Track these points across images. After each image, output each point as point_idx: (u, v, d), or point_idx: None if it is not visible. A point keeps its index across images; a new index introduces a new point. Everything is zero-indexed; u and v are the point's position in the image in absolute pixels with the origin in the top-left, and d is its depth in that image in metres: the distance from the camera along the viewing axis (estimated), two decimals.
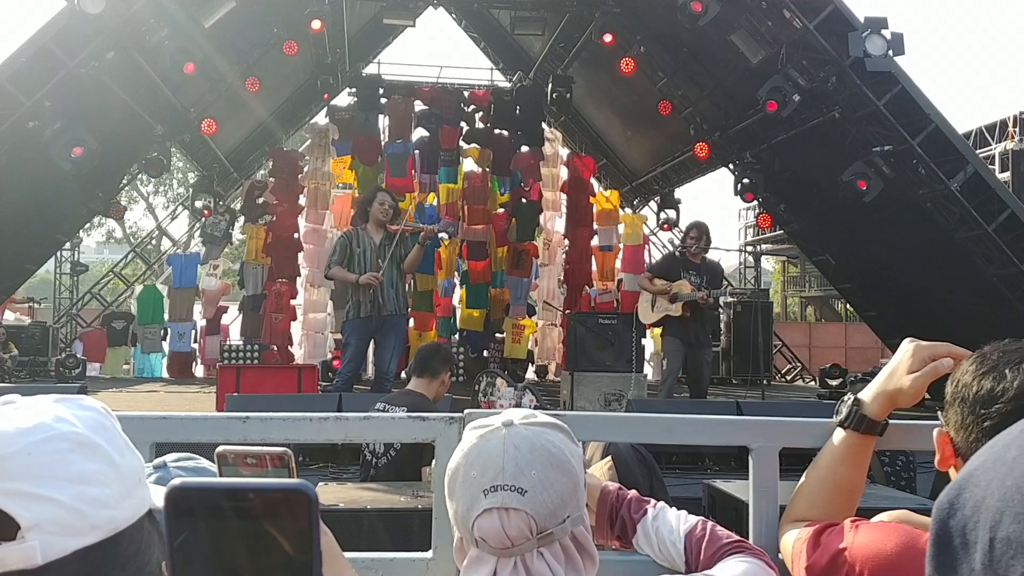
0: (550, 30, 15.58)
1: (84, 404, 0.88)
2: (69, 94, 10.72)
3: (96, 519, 0.80)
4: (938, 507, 0.72)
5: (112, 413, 0.90)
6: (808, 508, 1.63)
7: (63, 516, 0.78)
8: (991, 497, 0.66)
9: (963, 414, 1.27)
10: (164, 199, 37.71)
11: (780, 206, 15.42)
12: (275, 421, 1.66)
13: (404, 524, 3.38)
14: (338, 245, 8.00)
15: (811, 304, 35.77)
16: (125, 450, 0.87)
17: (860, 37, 10.21)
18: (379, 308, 7.76)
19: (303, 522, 0.74)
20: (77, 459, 0.81)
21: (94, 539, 0.79)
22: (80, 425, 0.84)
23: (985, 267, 10.92)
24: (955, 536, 0.69)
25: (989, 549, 0.64)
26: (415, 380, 4.85)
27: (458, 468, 1.30)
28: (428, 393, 4.75)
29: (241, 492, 0.75)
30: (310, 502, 0.74)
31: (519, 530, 1.23)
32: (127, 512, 0.83)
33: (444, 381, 4.85)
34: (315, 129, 17.05)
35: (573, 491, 1.28)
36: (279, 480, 0.93)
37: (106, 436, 0.86)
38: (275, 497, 0.74)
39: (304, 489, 0.74)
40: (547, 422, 1.32)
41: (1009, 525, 0.63)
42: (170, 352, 16.46)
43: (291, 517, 0.74)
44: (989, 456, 0.70)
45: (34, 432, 0.80)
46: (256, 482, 0.79)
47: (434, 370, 4.82)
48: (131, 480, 0.85)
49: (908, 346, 1.60)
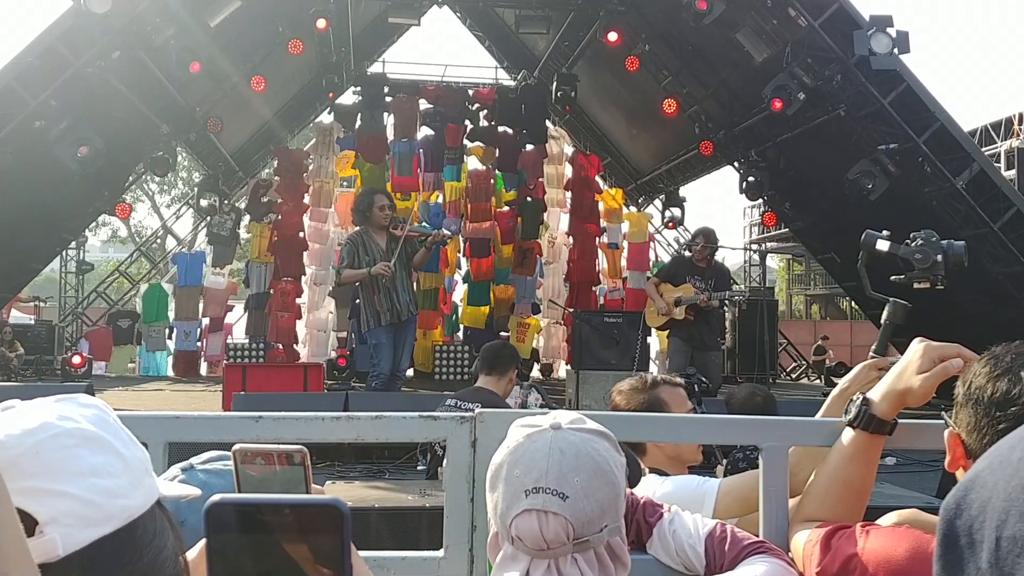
0: (555, 28, 15.56)
1: (84, 402, 0.90)
2: (75, 94, 10.75)
3: (110, 509, 0.82)
4: (945, 508, 0.73)
5: (111, 409, 0.92)
6: (818, 508, 1.64)
7: (78, 508, 0.80)
8: (997, 497, 0.67)
9: (977, 416, 1.27)
10: (169, 198, 37.78)
11: (785, 204, 15.41)
12: (288, 420, 1.67)
13: (412, 523, 3.40)
14: (346, 252, 7.95)
15: (816, 302, 35.73)
16: (129, 443, 0.89)
17: (865, 35, 10.19)
18: (398, 315, 7.81)
19: (336, 537, 0.77)
20: (85, 453, 0.83)
21: (110, 528, 0.81)
22: (84, 421, 0.86)
23: (991, 265, 10.90)
24: (962, 536, 0.70)
25: (995, 548, 0.65)
26: (483, 378, 4.93)
27: (502, 464, 1.30)
28: (498, 390, 4.84)
29: (277, 507, 0.78)
30: (343, 517, 0.77)
31: (556, 534, 1.23)
32: (139, 500, 0.85)
33: (511, 379, 4.96)
34: (320, 128, 17.07)
35: (614, 501, 1.28)
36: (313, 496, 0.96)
37: (110, 430, 0.88)
38: (310, 512, 0.78)
39: (337, 505, 0.78)
40: (595, 429, 1.32)
41: (1015, 524, 0.64)
42: (175, 351, 16.49)
43: (324, 532, 0.77)
44: (994, 458, 0.71)
45: (40, 431, 0.83)
46: (292, 498, 0.83)
47: (503, 368, 4.93)
48: (139, 470, 0.88)
49: (918, 346, 1.61)
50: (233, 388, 8.64)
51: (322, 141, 16.42)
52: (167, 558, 0.85)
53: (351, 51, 16.25)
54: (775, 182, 14.36)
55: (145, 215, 38.73)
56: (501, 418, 1.64)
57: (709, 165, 17.17)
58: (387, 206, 7.85)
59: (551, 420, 1.31)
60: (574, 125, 19.14)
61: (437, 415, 1.71)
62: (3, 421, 0.84)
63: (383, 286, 7.77)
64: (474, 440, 1.68)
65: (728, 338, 16.64)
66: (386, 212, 7.79)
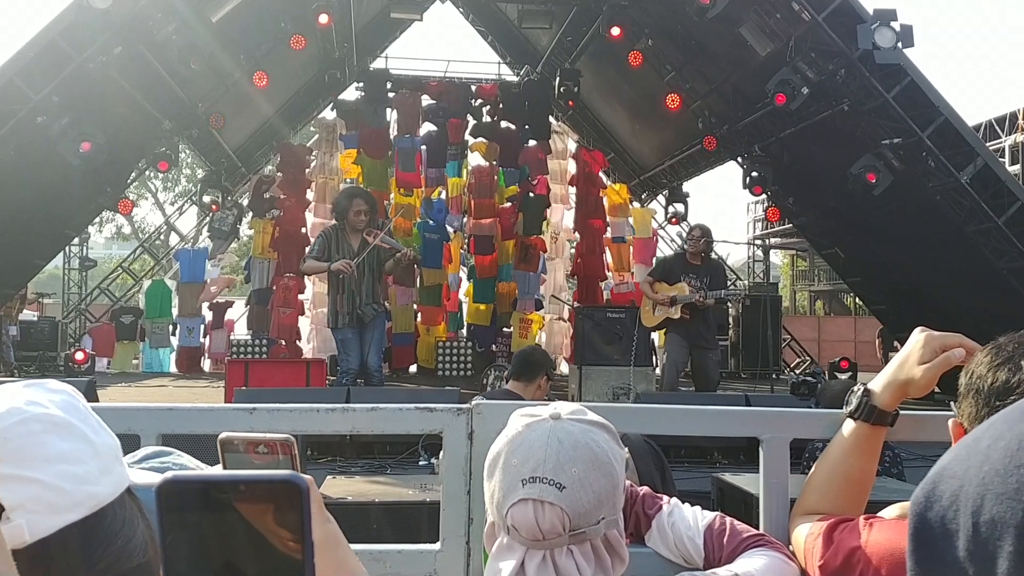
0: (557, 24, 15.55)
1: (53, 387, 0.89)
2: (77, 89, 10.74)
3: (78, 495, 0.81)
4: (914, 502, 0.73)
5: (81, 395, 0.91)
6: (819, 501, 1.62)
7: (45, 495, 0.79)
8: (969, 484, 0.67)
9: (978, 405, 1.26)
10: (171, 194, 37.81)
11: (789, 199, 15.38)
12: (282, 412, 1.66)
13: (412, 517, 3.38)
14: (317, 243, 8.04)
15: (820, 298, 35.69)
16: (99, 429, 0.88)
17: (869, 29, 10.16)
18: (358, 319, 7.79)
19: (294, 513, 0.74)
20: (53, 439, 0.82)
21: (79, 515, 0.81)
22: (52, 407, 0.85)
23: (995, 260, 10.87)
24: (935, 527, 0.70)
25: (973, 534, 0.65)
26: (513, 382, 4.84)
27: (500, 453, 1.29)
28: (525, 396, 4.68)
29: (232, 484, 0.75)
30: (300, 492, 0.74)
31: (552, 525, 1.22)
32: (108, 488, 0.84)
33: (541, 385, 4.81)
34: (323, 124, 17.07)
35: (611, 493, 1.27)
36: (269, 472, 0.93)
37: (79, 416, 0.87)
38: (266, 488, 0.75)
39: (294, 480, 0.75)
40: (594, 421, 1.31)
41: (992, 507, 0.64)
42: (179, 347, 16.51)
43: (283, 508, 0.74)
44: (961, 449, 0.71)
45: (7, 416, 0.82)
46: (246, 474, 0.80)
47: (532, 373, 4.80)
48: (108, 457, 0.87)
49: (919, 336, 1.59)
50: (236, 384, 8.66)
51: (325, 137, 16.42)
52: (136, 546, 0.85)
53: (354, 46, 16.24)
54: (779, 177, 14.33)
55: (148, 211, 38.84)
56: (498, 410, 1.62)
57: (712, 160, 17.15)
58: (364, 211, 7.81)
59: (551, 410, 1.30)
60: (577, 120, 19.12)
61: (433, 407, 1.69)
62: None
63: (347, 288, 7.76)
64: (471, 432, 1.66)
65: (732, 334, 16.63)
66: (362, 217, 7.77)
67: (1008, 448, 0.65)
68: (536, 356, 5.09)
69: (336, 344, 8.38)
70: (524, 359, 4.98)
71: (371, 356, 7.93)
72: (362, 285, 7.76)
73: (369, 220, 7.90)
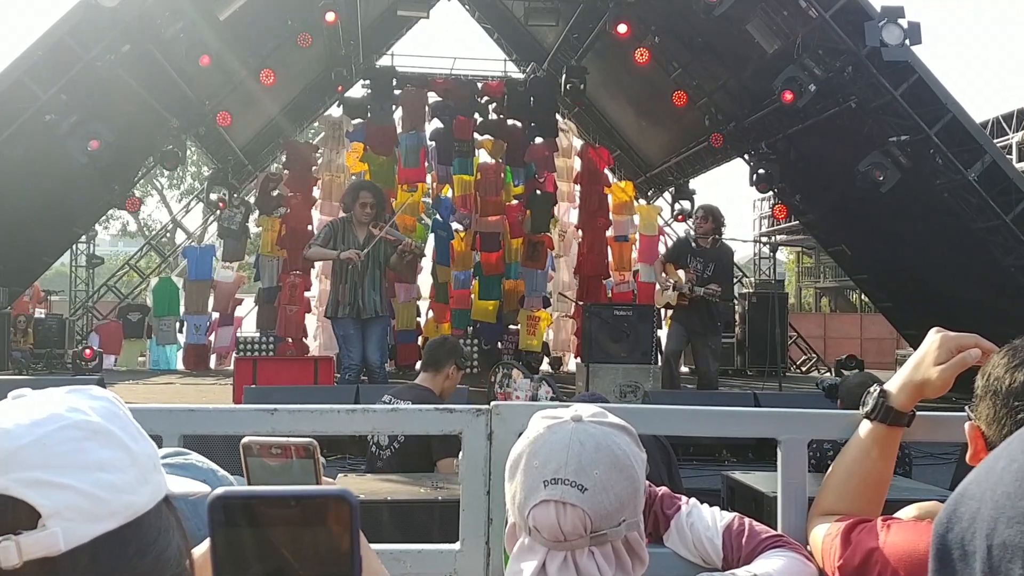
0: (564, 21, 15.54)
1: (95, 394, 0.89)
2: (85, 88, 10.77)
3: (115, 505, 0.80)
4: (937, 523, 0.75)
5: (123, 403, 0.91)
6: (836, 501, 1.63)
7: (82, 503, 0.79)
8: (985, 507, 0.68)
9: (996, 407, 1.26)
10: (178, 192, 37.86)
11: (796, 197, 15.37)
12: (303, 413, 1.67)
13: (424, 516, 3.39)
14: (323, 232, 8.08)
15: (826, 295, 35.63)
16: (139, 437, 0.88)
17: (876, 26, 10.13)
18: (358, 311, 7.78)
19: (344, 528, 0.75)
20: (92, 447, 0.82)
21: (114, 524, 0.80)
22: (93, 414, 0.85)
23: (1003, 258, 10.85)
24: (954, 549, 0.71)
25: (987, 556, 0.66)
26: (422, 374, 4.81)
27: (521, 454, 1.30)
28: (434, 387, 4.67)
29: (283, 500, 0.76)
30: (351, 508, 0.75)
31: (574, 526, 1.23)
32: (145, 497, 0.84)
33: (449, 375, 4.71)
34: (329, 121, 17.05)
35: (633, 496, 1.28)
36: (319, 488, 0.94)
37: (119, 424, 0.86)
38: (317, 504, 0.76)
39: (345, 496, 0.76)
40: (616, 423, 1.32)
41: (1004, 531, 0.65)
42: (186, 344, 16.52)
43: (332, 523, 0.75)
44: (981, 471, 0.72)
45: (48, 422, 0.81)
46: (298, 490, 0.80)
47: (439, 364, 4.71)
48: (146, 466, 0.86)
49: (935, 337, 1.59)
50: (244, 381, 8.66)
51: (331, 135, 16.41)
52: (171, 557, 0.84)
53: (360, 44, 16.25)
54: (785, 174, 14.31)
55: (155, 209, 38.88)
56: (518, 411, 1.64)
57: (719, 158, 17.13)
58: (370, 203, 7.81)
59: (572, 412, 1.31)
60: (583, 118, 19.11)
61: (453, 408, 1.70)
62: (12, 409, 0.83)
63: (351, 278, 7.76)
64: (490, 433, 1.67)
65: (738, 331, 16.62)
66: (367, 210, 7.77)
67: (1020, 471, 0.66)
68: (445, 346, 4.96)
69: (337, 340, 8.38)
70: (430, 350, 4.92)
71: (372, 353, 7.92)
72: (365, 276, 7.76)
73: (376, 214, 7.91)
